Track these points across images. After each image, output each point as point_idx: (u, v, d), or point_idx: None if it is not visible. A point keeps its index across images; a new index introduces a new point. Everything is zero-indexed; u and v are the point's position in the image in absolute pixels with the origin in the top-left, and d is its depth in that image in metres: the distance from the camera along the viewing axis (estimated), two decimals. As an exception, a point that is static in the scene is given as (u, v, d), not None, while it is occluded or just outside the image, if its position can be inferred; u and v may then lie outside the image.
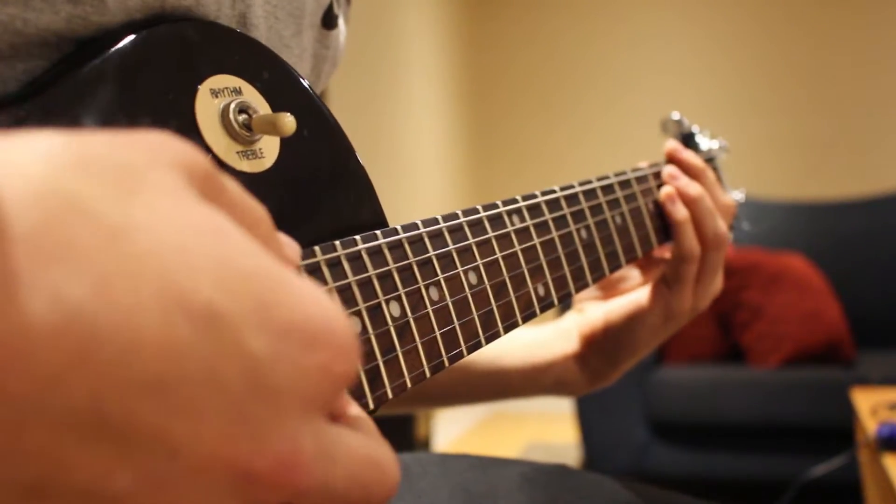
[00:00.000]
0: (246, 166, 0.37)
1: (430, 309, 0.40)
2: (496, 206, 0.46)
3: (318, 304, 0.21)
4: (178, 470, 0.18)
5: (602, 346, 0.64)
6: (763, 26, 3.81)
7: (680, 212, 0.60)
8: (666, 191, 0.61)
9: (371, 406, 0.36)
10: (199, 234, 0.19)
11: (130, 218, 0.18)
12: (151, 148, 0.20)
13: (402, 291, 0.38)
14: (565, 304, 0.52)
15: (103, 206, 0.18)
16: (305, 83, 0.42)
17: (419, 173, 3.34)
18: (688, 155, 0.63)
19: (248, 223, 0.22)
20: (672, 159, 0.63)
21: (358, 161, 0.43)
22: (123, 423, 0.18)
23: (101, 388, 0.17)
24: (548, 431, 3.40)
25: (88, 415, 0.17)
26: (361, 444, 0.23)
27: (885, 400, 1.70)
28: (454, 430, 3.45)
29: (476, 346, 0.42)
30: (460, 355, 0.41)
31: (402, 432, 2.22)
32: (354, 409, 0.25)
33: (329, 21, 0.50)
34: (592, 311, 0.65)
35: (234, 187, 0.22)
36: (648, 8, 3.95)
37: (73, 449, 0.17)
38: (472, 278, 0.43)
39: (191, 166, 0.21)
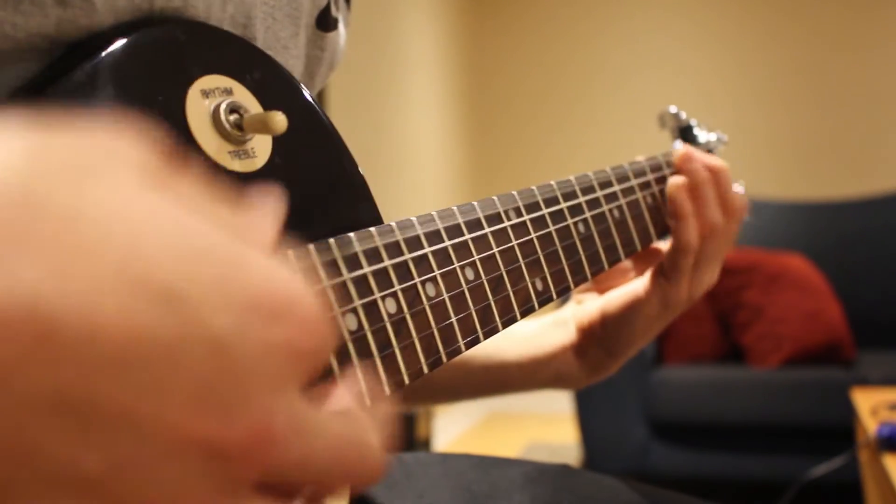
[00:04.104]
0: (238, 166, 0.37)
1: (426, 305, 0.39)
2: (492, 202, 0.46)
3: (279, 278, 0.21)
4: (146, 450, 0.18)
5: (600, 336, 0.63)
6: (763, 28, 3.81)
7: (685, 206, 0.60)
8: (676, 181, 0.61)
9: (368, 403, 0.35)
10: (151, 219, 0.19)
11: (82, 210, 0.19)
12: (107, 149, 0.20)
13: (397, 288, 0.38)
14: (563, 297, 0.52)
15: (57, 200, 0.18)
16: (297, 82, 0.41)
17: (419, 172, 3.34)
18: (707, 158, 0.65)
19: (203, 208, 0.22)
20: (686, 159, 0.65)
21: (352, 159, 0.43)
22: (86, 404, 0.18)
23: (61, 371, 0.17)
24: (548, 431, 3.40)
25: (51, 398, 0.17)
26: (341, 423, 0.23)
27: (885, 400, 1.70)
28: (454, 430, 3.44)
29: (474, 342, 0.42)
30: (458, 351, 0.41)
31: (402, 432, 2.22)
32: (341, 402, 0.25)
33: (325, 23, 0.50)
34: (589, 303, 0.65)
35: (186, 177, 0.22)
36: (647, 5, 3.95)
37: (38, 435, 0.17)
38: (469, 274, 0.42)
39: (143, 163, 0.21)
